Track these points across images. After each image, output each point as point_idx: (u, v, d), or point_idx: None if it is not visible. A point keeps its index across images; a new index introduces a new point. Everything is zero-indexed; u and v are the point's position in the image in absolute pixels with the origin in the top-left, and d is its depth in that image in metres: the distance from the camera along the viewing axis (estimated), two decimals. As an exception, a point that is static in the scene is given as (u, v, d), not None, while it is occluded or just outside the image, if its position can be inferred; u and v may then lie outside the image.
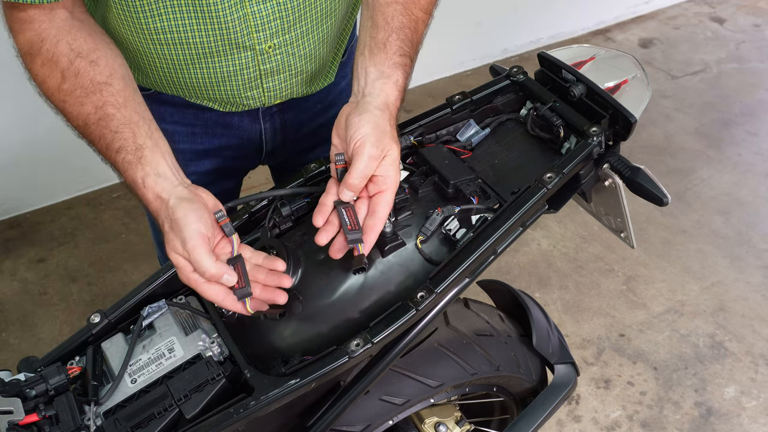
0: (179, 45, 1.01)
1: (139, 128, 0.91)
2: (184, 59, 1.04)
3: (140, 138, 0.90)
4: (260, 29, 1.00)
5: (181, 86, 1.10)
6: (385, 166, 0.89)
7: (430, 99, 3.09)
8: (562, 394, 1.25)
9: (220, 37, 1.00)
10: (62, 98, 0.91)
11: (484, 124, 1.10)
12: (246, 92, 1.10)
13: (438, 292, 0.87)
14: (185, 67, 1.05)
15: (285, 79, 1.10)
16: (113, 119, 0.90)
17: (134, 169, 0.89)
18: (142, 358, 0.90)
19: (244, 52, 1.03)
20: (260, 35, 1.01)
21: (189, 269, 0.86)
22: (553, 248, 2.46)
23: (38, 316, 2.28)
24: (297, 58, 1.08)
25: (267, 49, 1.03)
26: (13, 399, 0.83)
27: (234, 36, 1.00)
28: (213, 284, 0.86)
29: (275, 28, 1.01)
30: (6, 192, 2.55)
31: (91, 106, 0.90)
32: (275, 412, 0.87)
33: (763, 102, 3.11)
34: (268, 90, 1.11)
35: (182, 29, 0.99)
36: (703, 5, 3.80)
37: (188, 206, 0.87)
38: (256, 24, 1.00)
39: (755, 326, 2.18)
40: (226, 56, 1.03)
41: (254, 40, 1.01)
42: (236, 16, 0.97)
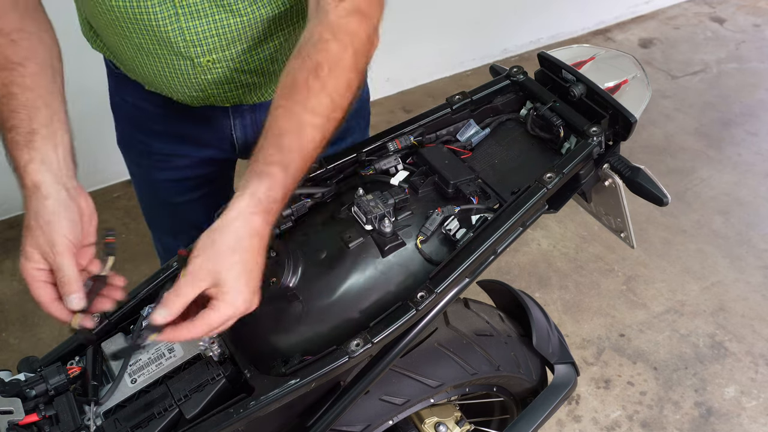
0: (123, 39, 1.01)
1: (39, 113, 0.88)
2: (131, 54, 1.03)
3: (36, 123, 0.87)
4: (197, 44, 0.99)
5: (138, 74, 1.10)
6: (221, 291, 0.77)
7: (430, 99, 3.09)
8: (562, 394, 1.25)
9: (158, 43, 0.99)
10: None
11: (484, 124, 1.10)
12: (192, 93, 1.09)
13: (438, 292, 0.87)
14: (134, 60, 1.05)
15: (230, 89, 1.09)
16: (14, 98, 0.87)
17: (20, 150, 0.86)
18: (142, 358, 0.90)
19: (184, 61, 1.02)
20: (197, 50, 1.00)
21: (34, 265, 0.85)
22: (553, 248, 2.46)
23: (38, 316, 2.27)
24: (241, 72, 1.06)
25: (205, 62, 1.02)
26: (13, 399, 0.83)
27: (173, 45, 0.99)
28: (47, 286, 0.85)
29: (212, 44, 1.00)
30: (6, 192, 2.55)
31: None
32: (275, 412, 0.87)
33: (763, 102, 3.11)
34: (213, 95, 1.09)
35: (125, 29, 0.98)
36: (703, 5, 3.80)
37: (64, 211, 0.86)
38: (192, 39, 0.98)
39: (755, 326, 2.18)
40: (167, 60, 1.02)
41: (191, 53, 1.00)
42: (172, 28, 0.97)
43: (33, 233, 0.85)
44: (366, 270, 0.93)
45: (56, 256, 0.83)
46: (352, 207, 0.96)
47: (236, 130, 1.21)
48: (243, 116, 1.19)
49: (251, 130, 1.22)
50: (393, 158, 1.04)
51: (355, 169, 1.07)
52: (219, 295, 0.77)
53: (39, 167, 0.86)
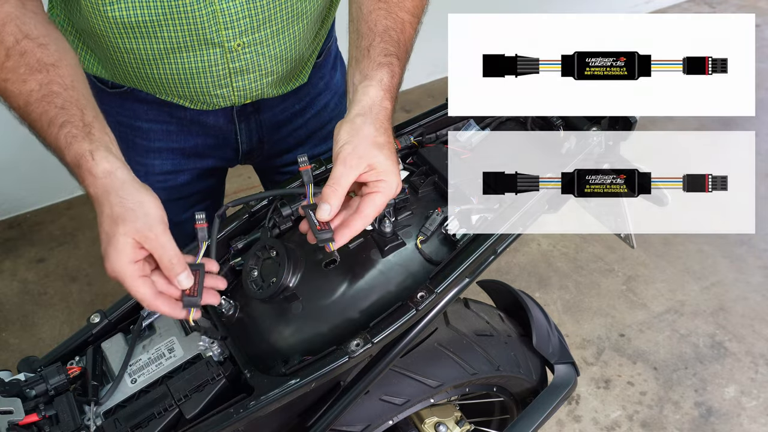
0: (147, 38, 0.99)
1: (87, 109, 0.86)
2: (152, 53, 1.02)
3: (88, 117, 0.85)
4: (229, 26, 0.99)
5: (151, 82, 1.08)
6: (377, 172, 0.84)
7: (430, 99, 3.09)
8: (562, 394, 1.25)
9: (188, 32, 0.98)
10: (4, 76, 0.87)
11: (484, 124, 1.10)
12: (215, 90, 1.08)
13: (438, 292, 0.87)
14: (153, 62, 1.03)
15: (255, 78, 1.09)
16: (59, 96, 0.85)
17: (80, 142, 0.82)
18: (142, 358, 0.90)
19: (213, 49, 1.01)
20: (229, 32, 1.00)
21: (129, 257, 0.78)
22: (553, 248, 2.46)
23: (38, 316, 2.27)
24: (267, 58, 1.07)
25: (236, 47, 1.02)
26: (13, 399, 0.83)
27: (203, 31, 0.98)
28: (147, 280, 0.80)
29: (244, 26, 1.00)
30: (6, 192, 2.55)
31: (36, 83, 0.86)
32: (275, 412, 0.87)
33: (763, 102, 3.11)
34: (237, 89, 1.09)
35: (149, 22, 0.96)
36: (703, 5, 3.80)
37: (146, 192, 0.82)
38: (225, 21, 0.98)
39: (755, 326, 2.18)
40: (195, 52, 1.02)
41: (223, 37, 1.00)
42: (205, 12, 0.96)
43: (126, 218, 0.78)
44: (366, 270, 0.93)
45: (158, 236, 0.79)
46: (352, 207, 0.96)
47: (241, 134, 1.21)
48: (248, 119, 1.19)
49: (256, 133, 1.22)
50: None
51: (355, 169, 1.06)
52: (377, 176, 0.83)
53: (106, 154, 0.82)
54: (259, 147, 1.25)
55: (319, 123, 1.29)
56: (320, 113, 1.28)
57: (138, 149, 1.21)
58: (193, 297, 0.80)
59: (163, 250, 0.79)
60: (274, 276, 0.91)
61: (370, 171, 0.84)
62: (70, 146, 0.83)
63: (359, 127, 0.85)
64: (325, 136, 1.30)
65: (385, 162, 0.84)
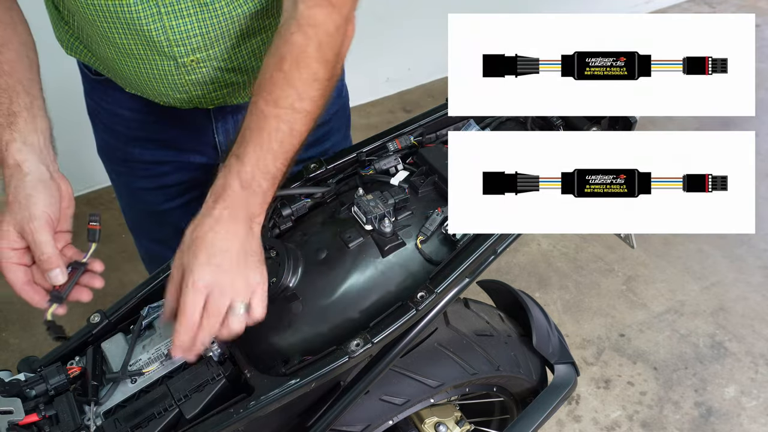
0: (106, 41, 0.98)
1: (19, 98, 0.88)
2: (113, 55, 1.01)
3: (16, 106, 0.88)
4: (180, 44, 0.97)
5: (120, 77, 1.08)
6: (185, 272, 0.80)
7: (430, 99, 3.09)
8: (562, 394, 1.25)
9: (141, 43, 0.97)
10: None
11: (484, 124, 1.10)
12: (176, 94, 1.06)
13: (438, 292, 0.87)
14: (116, 62, 1.03)
15: (214, 89, 1.07)
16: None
17: (3, 131, 0.86)
18: (142, 358, 0.90)
19: (167, 61, 1.00)
20: (180, 49, 0.98)
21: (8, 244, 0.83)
22: (553, 248, 2.46)
23: (38, 316, 2.26)
24: (225, 71, 1.05)
25: (189, 62, 1.00)
26: (13, 399, 0.83)
27: (156, 45, 0.97)
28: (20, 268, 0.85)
29: (196, 44, 0.98)
30: (6, 192, 2.55)
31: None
32: (275, 412, 0.87)
33: (763, 102, 3.11)
34: (197, 97, 1.07)
35: (107, 29, 0.96)
36: (703, 5, 3.80)
37: (44, 188, 0.85)
38: (176, 38, 0.96)
39: (755, 326, 2.18)
40: (150, 61, 1.00)
41: (175, 53, 0.98)
42: (155, 27, 0.94)
43: (11, 209, 0.84)
44: (366, 270, 0.93)
45: (35, 231, 0.83)
46: (352, 207, 0.96)
47: (219, 134, 1.19)
48: (225, 119, 1.17)
49: (233, 132, 1.19)
50: (393, 158, 1.03)
51: (355, 169, 1.07)
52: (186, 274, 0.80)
53: (21, 147, 0.86)
54: None
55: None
56: None
57: (120, 137, 1.21)
58: (60, 293, 0.86)
59: (36, 246, 0.83)
60: (274, 276, 0.91)
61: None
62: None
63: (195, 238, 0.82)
64: (314, 141, 1.26)
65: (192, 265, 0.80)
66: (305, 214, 1.02)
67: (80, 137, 2.47)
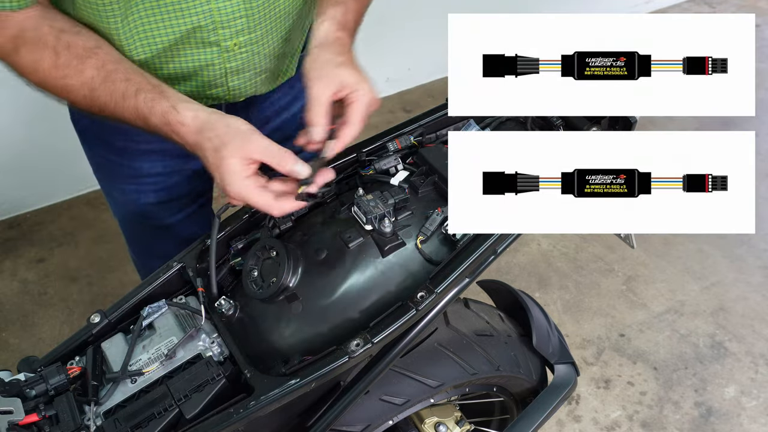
0: (144, 38, 0.99)
1: (146, 74, 0.92)
2: (151, 53, 1.01)
3: (152, 79, 0.92)
4: (226, 26, 0.99)
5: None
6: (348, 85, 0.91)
7: (430, 99, 3.09)
8: (562, 394, 1.25)
9: (186, 32, 0.98)
10: (62, 74, 0.91)
11: (485, 124, 1.10)
12: (210, 90, 1.08)
13: (438, 292, 0.87)
14: (150, 62, 1.03)
15: (249, 77, 1.10)
16: (118, 72, 0.91)
17: (160, 102, 0.89)
18: (142, 358, 0.90)
19: (210, 48, 1.02)
20: (225, 32, 1.00)
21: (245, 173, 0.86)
22: (553, 248, 2.46)
23: (38, 316, 2.27)
24: (261, 56, 1.08)
25: (233, 46, 1.03)
26: (13, 399, 0.83)
27: (200, 31, 0.99)
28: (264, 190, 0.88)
29: (241, 25, 1.00)
30: (6, 192, 2.55)
31: (92, 69, 0.91)
32: (275, 412, 0.87)
33: (763, 102, 3.11)
34: (232, 89, 1.10)
35: (149, 26, 0.97)
36: (703, 5, 3.80)
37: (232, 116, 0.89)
38: (222, 21, 0.98)
39: (755, 326, 2.18)
40: (192, 51, 1.02)
41: (219, 36, 1.00)
42: (201, 10, 0.96)
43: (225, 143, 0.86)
44: (366, 270, 0.93)
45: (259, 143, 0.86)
46: (352, 207, 0.96)
47: None
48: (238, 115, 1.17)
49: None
50: (393, 158, 1.03)
51: (355, 169, 1.07)
52: (350, 88, 0.91)
53: (186, 104, 0.90)
54: None
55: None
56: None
57: (125, 151, 1.20)
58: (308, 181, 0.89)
59: (269, 152, 0.86)
60: (274, 276, 0.91)
61: (341, 88, 0.91)
62: (153, 109, 0.89)
63: (318, 55, 0.93)
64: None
65: (352, 75, 0.92)
66: (305, 214, 1.02)
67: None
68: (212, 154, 0.87)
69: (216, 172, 0.87)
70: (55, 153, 2.45)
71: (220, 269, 0.98)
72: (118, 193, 1.28)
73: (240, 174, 0.86)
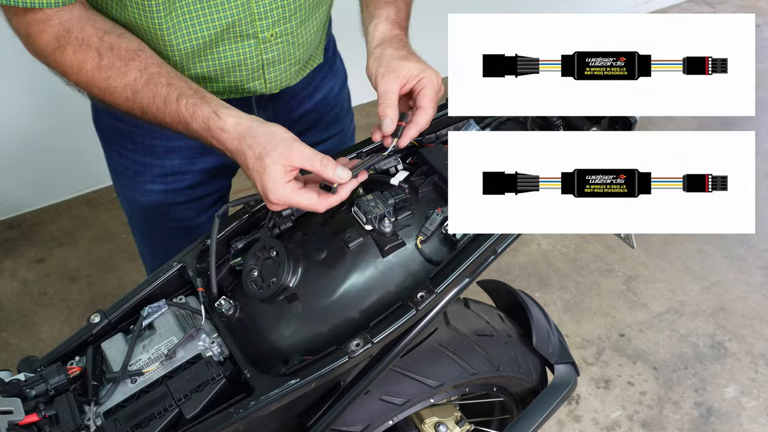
0: (187, 38, 1.02)
1: (188, 80, 0.94)
2: (192, 51, 1.04)
3: (193, 85, 0.93)
4: (263, 17, 1.03)
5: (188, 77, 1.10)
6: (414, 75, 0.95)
7: (430, 99, 3.09)
8: (562, 394, 1.25)
9: (225, 26, 1.02)
10: (105, 75, 0.92)
11: (484, 124, 1.10)
12: (248, 83, 1.12)
13: (438, 292, 0.87)
14: (191, 59, 1.06)
15: (285, 68, 1.13)
16: (161, 75, 0.93)
17: (201, 108, 0.90)
18: (142, 358, 0.90)
19: (248, 41, 1.05)
20: (262, 23, 1.04)
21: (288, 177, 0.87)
22: (553, 248, 2.46)
23: (38, 316, 2.28)
24: (295, 47, 1.11)
25: (269, 37, 1.06)
26: (13, 399, 0.83)
27: (238, 24, 1.02)
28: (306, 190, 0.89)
29: (277, 16, 1.04)
30: (6, 192, 2.55)
31: (135, 71, 0.92)
32: (275, 412, 0.87)
33: (763, 102, 3.11)
34: (269, 81, 1.13)
35: (190, 22, 1.00)
36: (703, 5, 3.80)
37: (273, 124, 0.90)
38: (259, 12, 1.02)
39: (755, 326, 2.18)
40: (231, 46, 1.05)
41: (257, 27, 1.04)
42: (239, 3, 1.00)
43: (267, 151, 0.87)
44: (366, 270, 0.93)
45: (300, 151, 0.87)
46: (352, 207, 0.96)
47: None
48: (266, 107, 1.21)
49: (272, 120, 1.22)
50: (393, 158, 1.03)
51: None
52: (416, 77, 0.95)
53: (227, 110, 0.91)
54: None
55: (326, 107, 1.32)
56: (326, 97, 1.31)
57: (155, 150, 1.20)
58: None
59: (311, 160, 0.88)
60: (274, 276, 0.91)
61: (407, 80, 0.95)
62: (195, 114, 0.91)
63: (381, 53, 0.98)
64: (331, 121, 1.35)
65: (416, 65, 0.96)
66: (305, 214, 1.02)
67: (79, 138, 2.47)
68: (254, 162, 0.88)
69: (257, 178, 0.89)
70: (55, 153, 2.45)
71: (220, 269, 0.98)
72: (141, 194, 1.26)
73: (282, 180, 0.87)
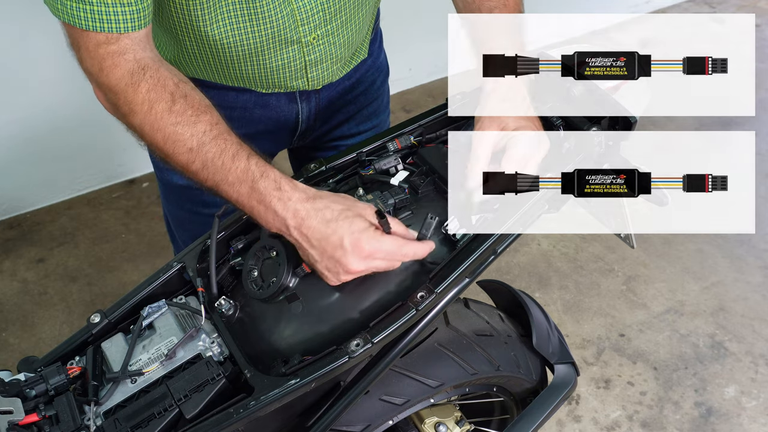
0: (233, 46, 1.06)
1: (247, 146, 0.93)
2: (237, 58, 1.08)
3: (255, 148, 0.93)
4: (305, 22, 1.06)
5: (232, 78, 1.14)
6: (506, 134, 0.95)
7: (430, 99, 3.08)
8: (562, 394, 1.25)
9: (270, 35, 1.05)
10: (174, 120, 0.90)
11: (484, 124, 1.10)
12: (292, 82, 1.16)
13: (438, 292, 0.87)
14: (237, 64, 1.10)
15: (327, 67, 1.16)
16: (231, 135, 0.92)
17: (272, 169, 0.90)
18: (142, 358, 0.90)
19: (291, 46, 1.09)
20: (305, 28, 1.07)
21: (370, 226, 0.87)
22: (553, 248, 2.46)
23: (38, 316, 2.27)
24: (337, 46, 1.13)
25: (311, 40, 1.09)
26: (13, 399, 0.83)
27: (282, 32, 1.05)
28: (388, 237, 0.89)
29: (318, 20, 1.07)
30: (6, 192, 2.55)
31: (206, 124, 0.91)
32: (275, 412, 0.87)
33: (763, 102, 3.11)
34: (312, 79, 1.17)
35: (237, 32, 1.04)
36: (703, 5, 3.80)
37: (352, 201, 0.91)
38: (302, 18, 1.05)
39: (755, 326, 2.18)
40: (275, 52, 1.09)
41: (300, 33, 1.07)
42: (284, 13, 1.03)
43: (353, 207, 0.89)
44: (366, 270, 0.92)
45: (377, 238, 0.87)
46: (352, 207, 0.96)
47: (302, 114, 1.25)
48: (309, 98, 1.23)
49: (314, 112, 1.26)
50: (393, 158, 1.04)
51: (355, 169, 1.07)
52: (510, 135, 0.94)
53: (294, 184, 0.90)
54: (313, 125, 1.30)
55: (366, 100, 1.34)
56: (368, 90, 1.34)
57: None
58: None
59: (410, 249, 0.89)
60: (274, 276, 0.91)
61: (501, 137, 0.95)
62: (266, 173, 0.89)
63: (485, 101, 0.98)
64: (370, 115, 1.36)
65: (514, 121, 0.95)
66: (305, 214, 1.02)
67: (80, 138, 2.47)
68: (338, 213, 0.87)
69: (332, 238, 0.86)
70: (55, 153, 2.45)
71: (220, 269, 0.98)
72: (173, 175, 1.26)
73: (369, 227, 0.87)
